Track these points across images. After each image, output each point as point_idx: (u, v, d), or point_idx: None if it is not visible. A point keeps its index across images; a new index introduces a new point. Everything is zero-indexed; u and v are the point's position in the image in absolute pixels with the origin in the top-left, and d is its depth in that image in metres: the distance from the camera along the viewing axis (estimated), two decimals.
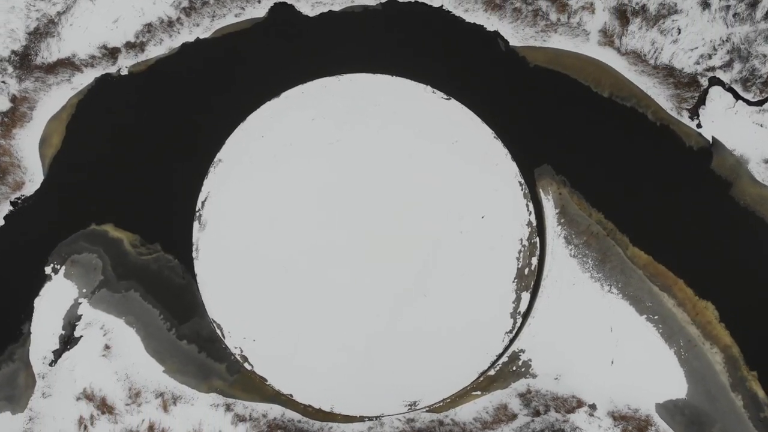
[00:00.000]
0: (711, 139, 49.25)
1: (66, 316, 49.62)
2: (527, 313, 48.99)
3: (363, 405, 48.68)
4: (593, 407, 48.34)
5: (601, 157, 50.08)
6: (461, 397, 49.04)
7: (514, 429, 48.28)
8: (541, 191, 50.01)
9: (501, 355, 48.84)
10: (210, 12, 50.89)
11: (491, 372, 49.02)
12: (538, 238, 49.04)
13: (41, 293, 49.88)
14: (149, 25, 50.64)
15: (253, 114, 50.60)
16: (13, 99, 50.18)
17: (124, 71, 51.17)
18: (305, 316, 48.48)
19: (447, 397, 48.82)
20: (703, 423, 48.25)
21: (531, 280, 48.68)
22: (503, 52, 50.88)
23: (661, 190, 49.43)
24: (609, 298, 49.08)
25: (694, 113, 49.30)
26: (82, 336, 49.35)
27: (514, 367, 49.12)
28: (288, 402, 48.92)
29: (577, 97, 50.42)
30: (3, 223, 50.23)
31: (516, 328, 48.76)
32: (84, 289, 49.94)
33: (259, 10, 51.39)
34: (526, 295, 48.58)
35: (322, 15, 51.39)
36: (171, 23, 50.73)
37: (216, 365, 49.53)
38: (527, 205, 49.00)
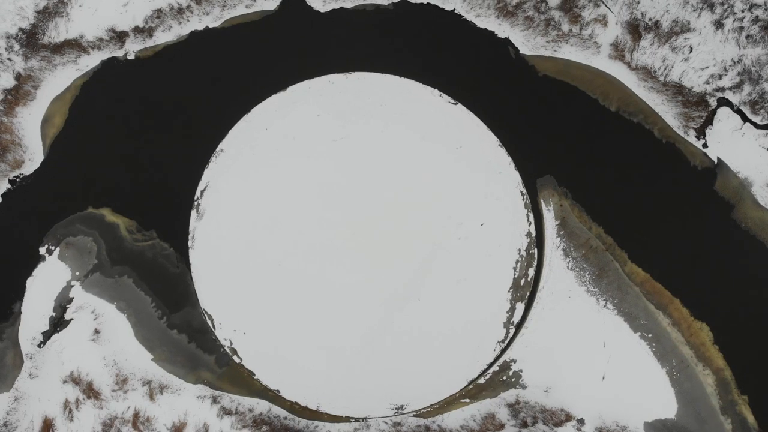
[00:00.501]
0: (716, 160, 48.97)
1: (57, 298, 49.34)
2: (521, 323, 48.72)
3: (350, 406, 48.43)
4: (581, 422, 48.06)
5: (605, 171, 49.80)
6: (449, 403, 48.75)
7: None
8: (542, 202, 49.72)
9: (491, 364, 48.56)
10: (221, 1, 50.64)
11: (481, 380, 48.73)
12: (536, 249, 48.75)
13: (34, 273, 49.58)
14: (159, 10, 50.38)
15: (258, 106, 50.46)
16: (18, 77, 49.92)
17: (131, 56, 50.92)
18: (297, 312, 48.25)
19: (435, 403, 48.54)
20: None
21: (526, 291, 48.39)
22: (513, 59, 50.62)
23: (663, 208, 49.15)
24: (604, 314, 48.80)
25: (701, 133, 49.00)
26: (72, 319, 49.07)
27: (505, 377, 48.83)
28: (275, 398, 48.67)
29: (584, 109, 50.14)
30: (0, 201, 49.85)
31: (508, 338, 48.48)
32: (77, 272, 49.66)
33: (270, 3, 51.20)
34: (520, 306, 48.31)
35: (333, 11, 51.17)
36: (181, 10, 50.45)
37: (205, 357, 49.26)
38: (527, 215, 48.73)
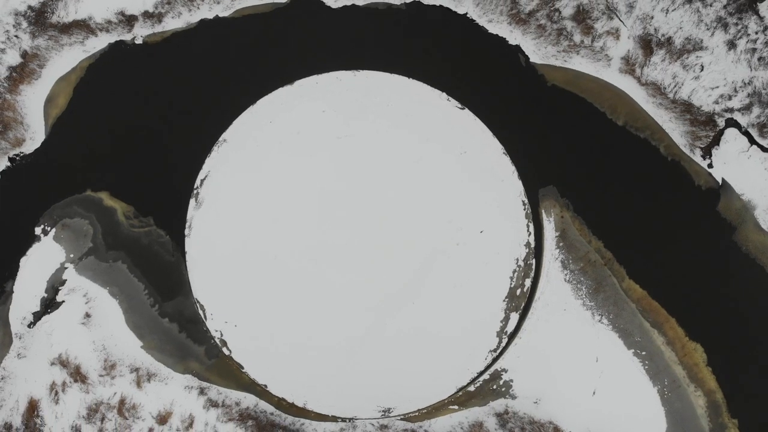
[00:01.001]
0: (720, 181, 48.78)
1: (50, 280, 49.12)
2: (514, 333, 48.43)
3: (336, 405, 48.16)
4: None
5: (608, 185, 49.62)
6: (437, 409, 48.48)
7: None
8: (543, 212, 49.47)
9: (482, 373, 48.30)
10: None
11: (470, 388, 48.48)
12: (534, 260, 48.47)
13: (28, 253, 49.37)
14: None
15: (264, 98, 50.25)
16: (24, 55, 49.77)
17: (139, 40, 50.74)
18: (290, 308, 48.02)
19: (423, 408, 48.28)
20: None
21: (522, 302, 48.12)
22: (522, 67, 50.41)
23: (665, 226, 48.92)
24: (598, 328, 48.52)
25: (707, 152, 48.75)
26: (64, 301, 48.85)
27: (495, 386, 48.56)
28: (263, 393, 48.41)
29: (591, 121, 49.93)
30: None
31: (501, 348, 48.20)
32: (71, 254, 49.44)
33: None
34: (515, 316, 48.03)
35: (345, 8, 51.01)
36: None
37: (195, 347, 49.02)
38: (528, 225, 48.48)
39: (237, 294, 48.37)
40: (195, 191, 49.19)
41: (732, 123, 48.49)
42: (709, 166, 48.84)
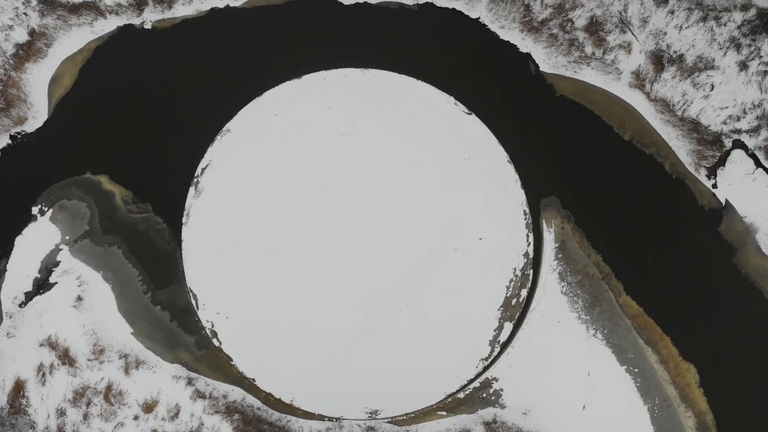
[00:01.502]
0: (724, 202, 48.58)
1: (44, 260, 48.84)
2: (507, 342, 48.14)
3: (324, 403, 47.95)
4: None
5: (610, 200, 49.40)
6: (425, 414, 48.23)
7: None
8: (544, 222, 49.20)
9: (472, 381, 48.04)
10: None
11: (460, 395, 48.24)
12: (532, 270, 48.19)
13: (24, 232, 49.07)
14: None
15: (271, 91, 50.10)
16: (32, 33, 49.48)
17: (148, 25, 50.46)
18: (283, 303, 47.77)
19: (410, 412, 48.06)
20: None
21: (517, 311, 47.86)
22: (532, 75, 50.15)
23: (665, 243, 48.70)
24: (592, 343, 48.27)
25: (712, 173, 48.49)
26: (56, 283, 48.56)
27: (485, 394, 48.28)
28: (250, 387, 48.16)
29: (597, 134, 49.73)
30: None
31: (492, 357, 47.96)
32: (67, 236, 49.15)
33: None
34: (508, 326, 47.80)
35: (357, 5, 50.77)
36: None
37: (185, 337, 48.74)
38: (527, 235, 48.25)
39: (230, 286, 48.10)
40: (195, 180, 48.94)
41: (739, 144, 48.23)
42: (714, 186, 48.59)
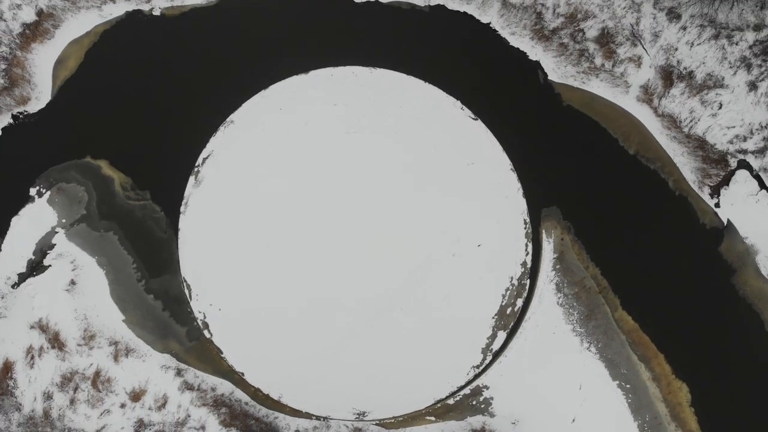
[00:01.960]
0: (726, 222, 48.30)
1: (39, 242, 48.59)
2: (500, 351, 47.89)
3: (311, 402, 47.68)
4: None
5: (611, 213, 49.17)
6: (414, 418, 47.99)
7: None
8: (543, 232, 48.95)
9: (462, 388, 47.81)
10: None
11: (450, 401, 48.01)
12: (528, 280, 47.92)
13: (20, 213, 48.81)
14: None
15: (277, 84, 49.81)
16: (40, 13, 49.25)
17: (157, 11, 50.24)
18: (276, 298, 47.51)
19: (398, 416, 47.82)
20: None
21: (511, 321, 47.61)
22: (540, 84, 49.89)
23: (664, 260, 48.41)
24: (585, 356, 48.02)
25: (716, 192, 48.22)
26: (50, 265, 48.31)
27: (474, 402, 48.04)
28: (239, 381, 47.93)
29: (602, 146, 49.46)
30: None
31: (484, 365, 47.70)
32: (64, 219, 48.90)
33: None
34: (502, 334, 47.54)
35: (368, 4, 50.57)
36: None
37: (177, 327, 48.49)
38: (526, 244, 48.00)
39: (225, 278, 47.86)
40: (196, 169, 48.73)
41: (744, 165, 47.95)
42: (716, 205, 48.31)
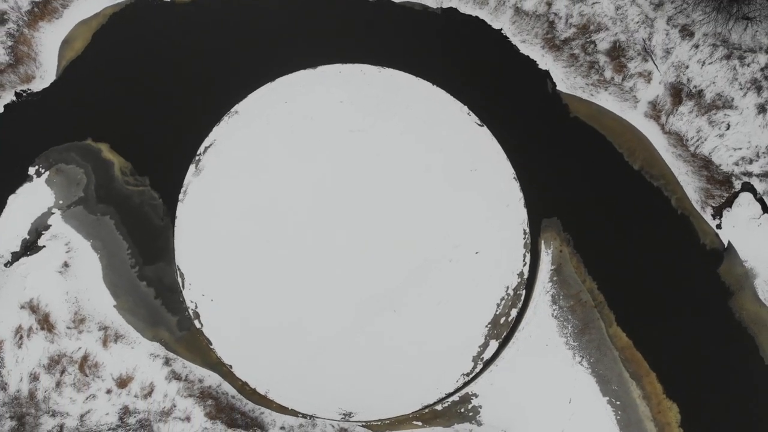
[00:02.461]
0: (726, 243, 48.09)
1: (35, 222, 48.36)
2: (491, 360, 47.59)
3: (298, 399, 47.41)
4: None
5: (612, 228, 48.89)
6: (401, 422, 47.71)
7: None
8: (543, 243, 48.65)
9: (451, 395, 47.51)
10: None
11: (438, 407, 47.68)
12: (524, 291, 47.63)
13: (18, 192, 48.64)
14: None
15: (284, 77, 49.74)
16: None
17: None
18: (269, 293, 47.31)
19: (385, 419, 47.52)
20: None
21: (504, 330, 47.33)
22: (548, 93, 49.63)
23: (662, 279, 48.16)
24: (577, 370, 47.73)
25: (718, 213, 47.94)
26: (45, 246, 48.07)
27: (463, 409, 47.73)
28: (227, 374, 47.64)
29: (606, 160, 49.24)
30: (1, 111, 48.97)
31: (474, 373, 47.43)
32: (61, 201, 48.65)
33: None
34: (494, 344, 47.28)
35: (380, 2, 50.25)
36: None
37: (168, 316, 48.19)
38: (525, 255, 47.76)
39: (219, 269, 47.66)
40: (197, 158, 48.52)
41: (748, 187, 47.70)
42: (718, 226, 48.09)
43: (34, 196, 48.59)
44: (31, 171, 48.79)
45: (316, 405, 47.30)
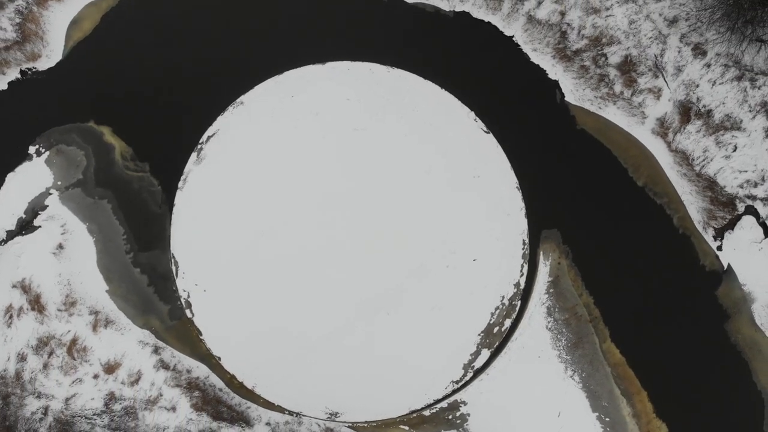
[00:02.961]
0: (726, 266, 47.74)
1: (32, 202, 48.23)
2: (482, 369, 47.28)
3: (285, 395, 47.12)
4: None
5: (611, 243, 48.49)
6: (387, 425, 47.44)
7: None
8: (541, 254, 48.33)
9: (438, 401, 47.19)
10: None
11: (426, 412, 47.37)
12: (520, 302, 47.32)
13: (17, 170, 48.55)
14: None
15: (292, 71, 49.57)
16: None
17: None
18: (263, 286, 47.05)
19: (371, 421, 47.22)
20: None
21: (497, 340, 47.00)
22: (556, 104, 49.33)
23: (659, 297, 47.79)
24: (568, 384, 47.40)
25: (719, 234, 47.62)
26: (40, 227, 47.94)
27: (450, 416, 47.42)
28: (216, 366, 47.38)
29: (611, 174, 48.93)
30: (5, 88, 48.79)
31: (464, 381, 47.14)
32: (59, 182, 48.48)
33: None
34: (486, 352, 46.96)
35: (393, 2, 49.87)
36: None
37: (160, 304, 47.97)
38: (522, 265, 47.46)
39: (214, 260, 47.40)
40: (199, 146, 48.34)
41: (751, 211, 47.39)
42: (719, 248, 47.77)
43: (33, 175, 48.46)
44: (32, 150, 48.60)
45: (302, 403, 47.01)
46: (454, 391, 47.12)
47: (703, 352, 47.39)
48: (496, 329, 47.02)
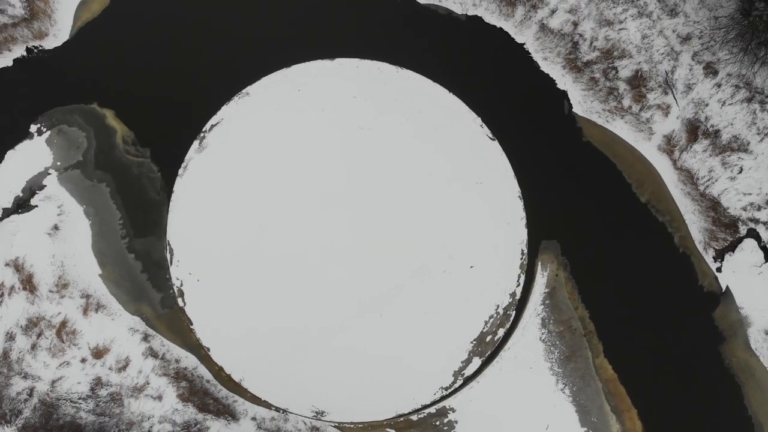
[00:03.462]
0: (724, 288, 47.54)
1: (30, 181, 47.82)
2: (472, 377, 47.03)
3: (272, 391, 46.95)
4: None
5: (611, 258, 48.24)
6: (374, 427, 47.22)
7: None
8: (539, 264, 48.03)
9: (426, 407, 46.99)
10: None
11: (413, 417, 47.05)
12: (514, 312, 46.99)
13: (16, 148, 48.08)
14: None
15: (300, 65, 49.18)
16: None
17: None
18: (257, 280, 46.80)
19: (357, 422, 46.98)
20: None
21: (489, 349, 46.74)
22: (563, 114, 48.97)
23: (654, 315, 47.60)
24: (558, 397, 47.20)
25: (720, 256, 47.36)
26: (37, 206, 47.54)
27: (438, 422, 47.16)
28: (205, 358, 47.12)
29: (614, 188, 48.67)
30: (10, 64, 48.42)
31: (453, 388, 46.91)
32: (59, 162, 48.10)
33: None
34: (477, 361, 46.74)
35: (407, 1, 49.49)
36: None
37: (152, 292, 47.61)
38: (519, 275, 47.23)
39: (209, 249, 47.14)
40: (202, 135, 48.04)
41: (753, 234, 47.19)
42: (718, 270, 47.54)
43: (33, 154, 48.01)
44: (33, 128, 48.21)
45: (289, 399, 46.78)
46: (443, 397, 46.89)
47: (696, 374, 47.24)
48: (489, 338, 46.74)
